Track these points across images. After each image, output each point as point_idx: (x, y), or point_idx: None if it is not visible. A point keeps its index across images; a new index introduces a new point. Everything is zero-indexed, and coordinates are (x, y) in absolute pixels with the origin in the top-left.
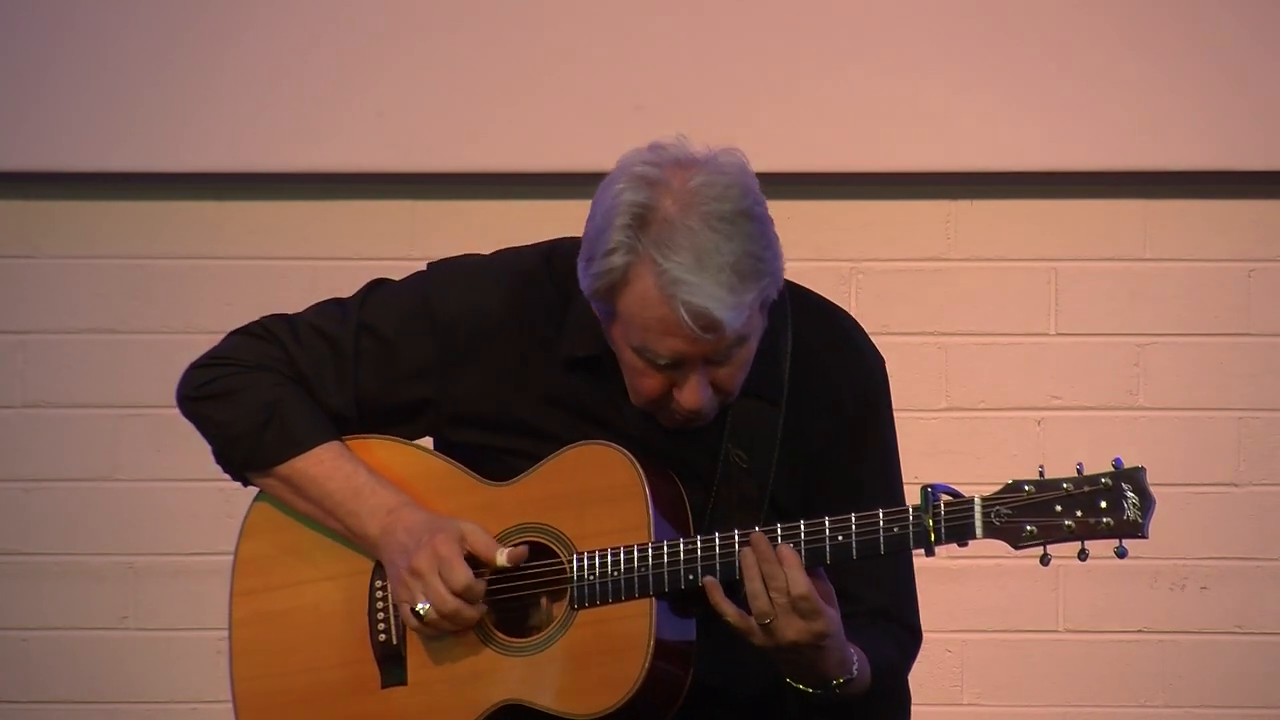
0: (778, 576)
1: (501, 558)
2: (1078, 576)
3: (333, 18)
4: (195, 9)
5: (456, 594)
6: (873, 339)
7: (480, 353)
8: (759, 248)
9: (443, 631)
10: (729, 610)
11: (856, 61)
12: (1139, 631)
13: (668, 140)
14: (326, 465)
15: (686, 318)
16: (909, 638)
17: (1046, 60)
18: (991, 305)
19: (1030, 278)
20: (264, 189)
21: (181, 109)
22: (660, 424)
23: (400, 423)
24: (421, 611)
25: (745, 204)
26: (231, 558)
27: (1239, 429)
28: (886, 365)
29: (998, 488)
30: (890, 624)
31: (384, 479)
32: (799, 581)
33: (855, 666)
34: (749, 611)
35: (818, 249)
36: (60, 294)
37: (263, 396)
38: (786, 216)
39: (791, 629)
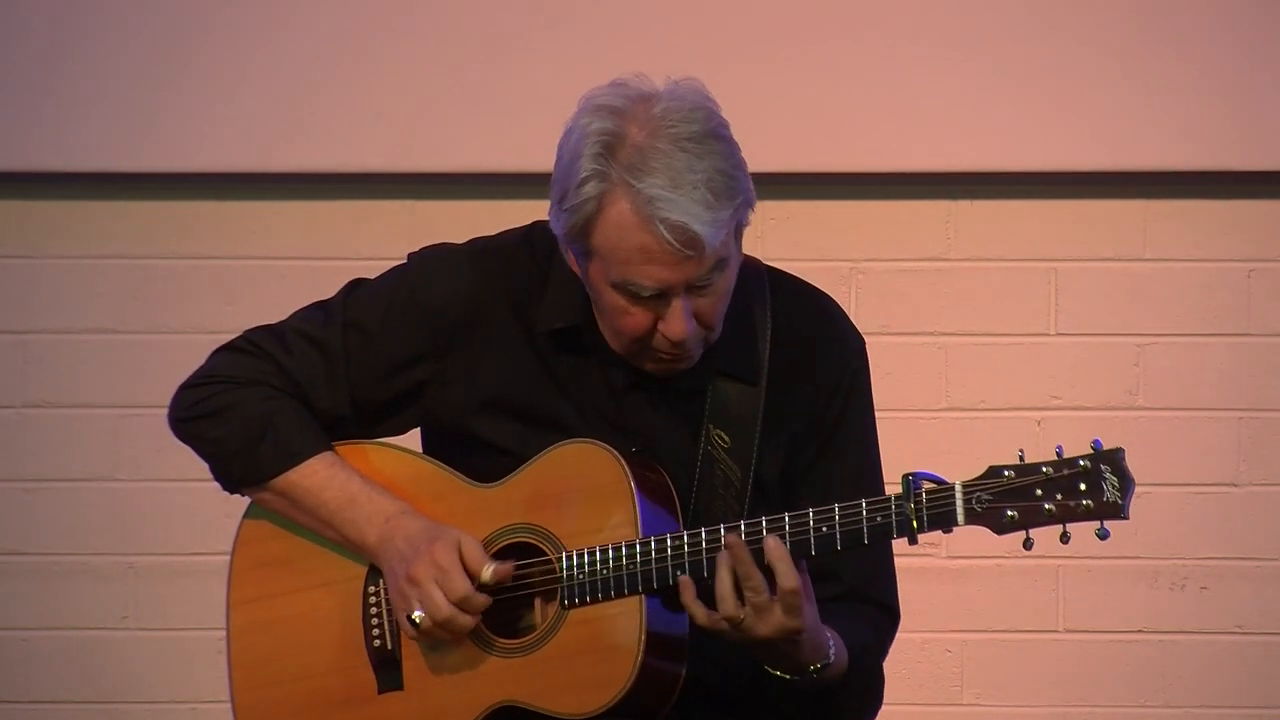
0: (753, 577)
1: (487, 573)
2: (1078, 576)
3: (333, 18)
4: (196, 9)
5: (454, 604)
6: (872, 339)
7: (469, 337)
8: (730, 166)
9: (438, 639)
10: (699, 612)
11: (856, 61)
12: (1139, 631)
13: (627, 77)
14: (321, 476)
15: (667, 234)
16: (886, 619)
17: (1047, 60)
18: (991, 305)
19: (1030, 278)
20: (264, 189)
21: (181, 109)
22: (640, 387)
23: (395, 413)
24: (416, 620)
25: (711, 125)
26: (226, 568)
27: (1239, 429)
28: (868, 349)
29: (978, 473)
30: (867, 605)
31: (379, 486)
32: (788, 576)
33: (832, 652)
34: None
35: (818, 249)
36: (60, 294)
37: (255, 411)
38: (786, 216)
39: (766, 626)
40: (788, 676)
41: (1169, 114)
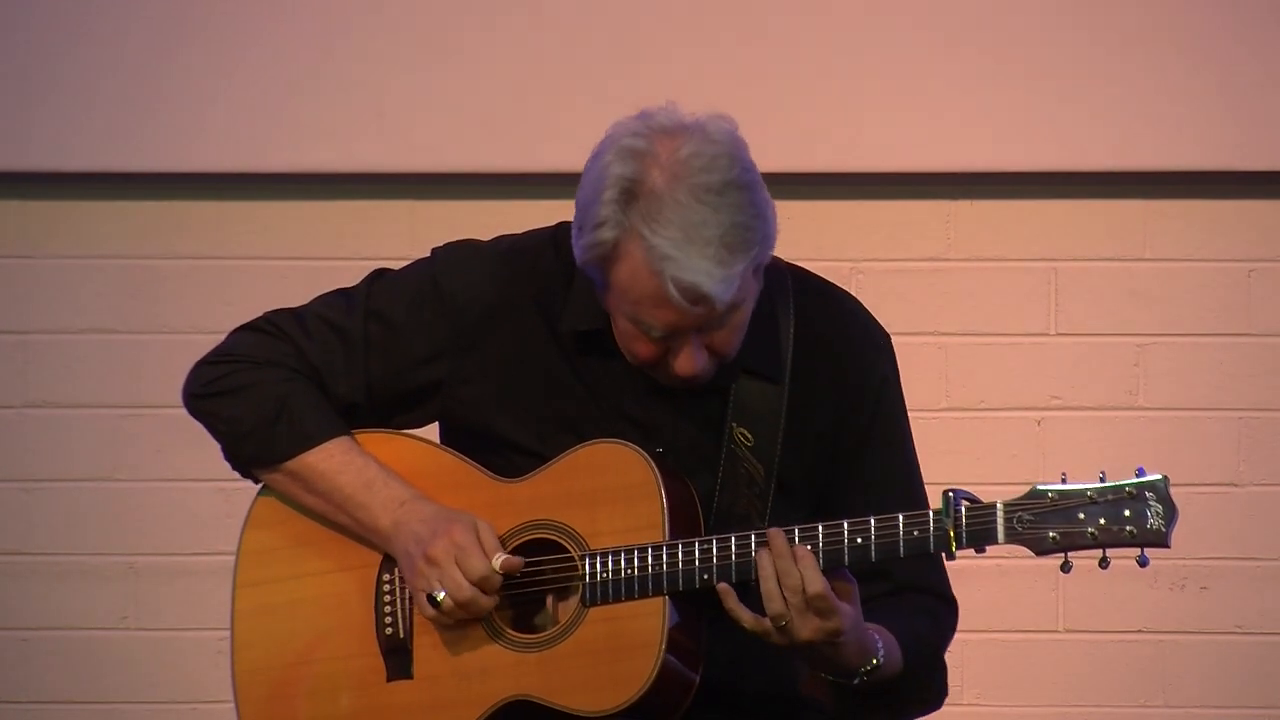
0: (792, 574)
1: (496, 563)
2: (1078, 576)
3: (333, 18)
4: (196, 9)
5: (474, 583)
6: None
7: (491, 335)
8: (748, 217)
9: (456, 620)
10: (745, 615)
11: (856, 61)
12: (1139, 631)
13: (656, 108)
14: (337, 460)
15: (675, 293)
16: (944, 606)
17: (1046, 60)
18: (991, 305)
19: (1030, 278)
20: (264, 189)
21: (182, 109)
22: (663, 387)
23: (410, 408)
24: (439, 599)
25: (733, 174)
26: (235, 550)
27: (1239, 429)
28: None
29: (1019, 493)
30: (922, 595)
31: (394, 473)
32: (814, 580)
33: (881, 653)
34: (763, 614)
35: (818, 249)
36: (61, 294)
37: (272, 392)
38: (786, 216)
39: (807, 628)
40: (839, 680)
41: (1169, 114)
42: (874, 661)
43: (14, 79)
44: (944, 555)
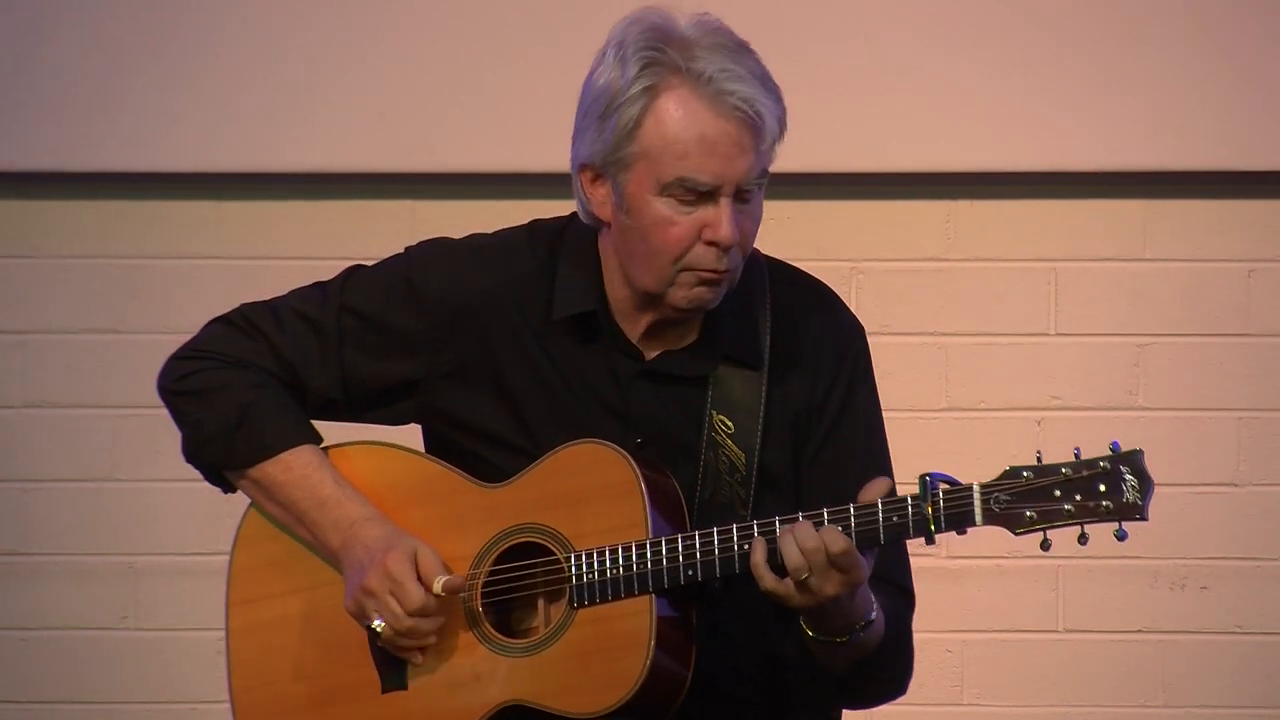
0: (811, 536)
1: (437, 585)
2: (1078, 576)
3: (333, 18)
4: (196, 9)
5: (410, 614)
6: (872, 339)
7: (467, 332)
8: (771, 79)
9: (398, 648)
10: (768, 576)
11: (856, 61)
12: (1139, 631)
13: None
14: (295, 472)
15: (732, 104)
16: (903, 597)
17: (1046, 60)
18: (991, 305)
19: (1030, 278)
20: (264, 189)
21: (182, 109)
22: (645, 373)
23: (387, 403)
24: (377, 629)
25: (742, 41)
26: (226, 567)
27: (1239, 429)
28: (868, 335)
29: (994, 475)
30: (886, 584)
31: (351, 489)
32: (836, 540)
33: (875, 610)
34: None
35: (818, 249)
36: (60, 294)
37: (237, 398)
38: (786, 216)
39: (830, 584)
40: (835, 640)
41: (1169, 114)
42: (871, 614)
43: (14, 79)
44: (924, 540)
